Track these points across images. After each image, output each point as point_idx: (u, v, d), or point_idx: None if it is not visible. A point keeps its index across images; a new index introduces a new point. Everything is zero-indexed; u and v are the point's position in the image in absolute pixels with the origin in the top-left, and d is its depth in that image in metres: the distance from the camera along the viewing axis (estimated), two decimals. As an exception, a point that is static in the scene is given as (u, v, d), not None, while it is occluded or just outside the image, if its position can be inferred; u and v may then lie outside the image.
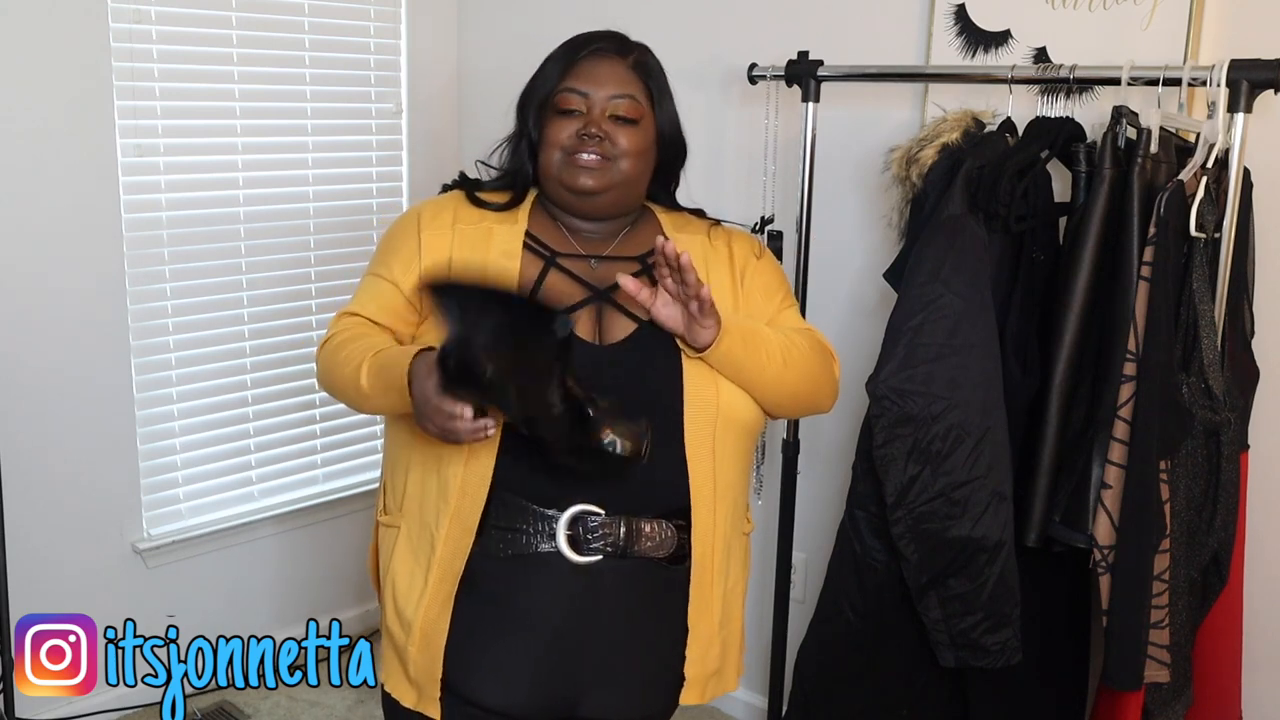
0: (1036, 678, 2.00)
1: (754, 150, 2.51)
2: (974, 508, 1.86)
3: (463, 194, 1.65)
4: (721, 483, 1.55)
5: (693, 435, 1.51)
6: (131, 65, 2.60)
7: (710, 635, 1.59)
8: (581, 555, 1.49)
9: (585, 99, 1.57)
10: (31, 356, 2.55)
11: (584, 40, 1.62)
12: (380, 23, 3.04)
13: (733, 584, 1.62)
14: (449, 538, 1.51)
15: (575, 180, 1.55)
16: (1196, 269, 1.79)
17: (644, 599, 1.55)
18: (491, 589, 1.52)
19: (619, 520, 1.50)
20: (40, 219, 2.51)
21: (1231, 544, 1.87)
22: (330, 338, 1.59)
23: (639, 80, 1.60)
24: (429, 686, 1.55)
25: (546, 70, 1.61)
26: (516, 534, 1.50)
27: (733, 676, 1.68)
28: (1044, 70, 2.00)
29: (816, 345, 1.66)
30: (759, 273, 1.67)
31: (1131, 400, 1.75)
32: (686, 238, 1.64)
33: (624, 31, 1.69)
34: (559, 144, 1.56)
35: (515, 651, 1.53)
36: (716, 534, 1.56)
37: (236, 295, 2.87)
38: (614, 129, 1.56)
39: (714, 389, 1.53)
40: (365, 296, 1.61)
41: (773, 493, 2.50)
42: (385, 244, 1.64)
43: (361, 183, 3.08)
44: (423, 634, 1.54)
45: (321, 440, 3.10)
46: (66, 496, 2.65)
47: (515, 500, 1.50)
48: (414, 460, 1.55)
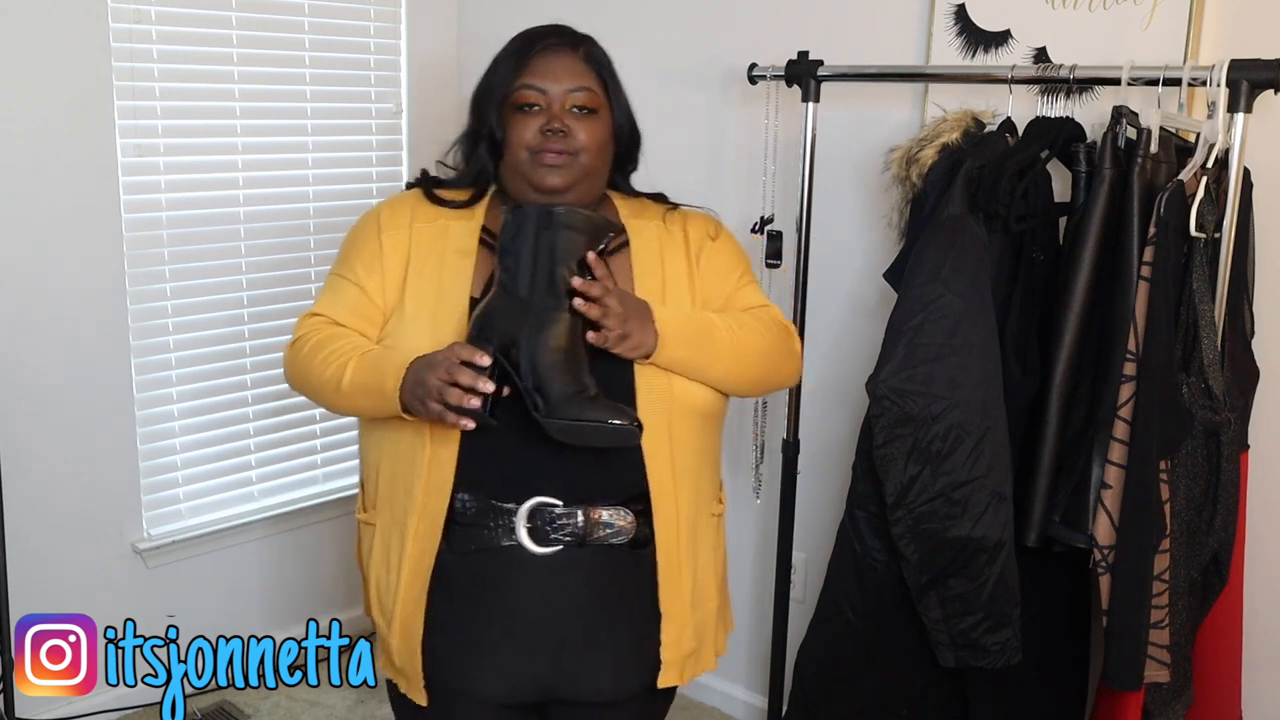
0: (1036, 678, 2.00)
1: (754, 150, 2.52)
2: (974, 508, 1.86)
3: (421, 192, 1.67)
4: (680, 468, 1.57)
5: (647, 422, 1.52)
6: (131, 65, 2.60)
7: (683, 617, 1.61)
8: (542, 546, 1.53)
9: (544, 94, 1.59)
10: (31, 356, 2.55)
11: (534, 36, 1.64)
12: (380, 23, 3.04)
13: (703, 566, 1.64)
14: (417, 535, 1.55)
15: (543, 180, 1.58)
16: (1196, 269, 1.79)
17: (611, 584, 1.58)
18: (462, 583, 1.57)
19: (577, 510, 1.53)
20: (40, 219, 2.51)
21: (1231, 544, 1.87)
22: (301, 338, 1.62)
23: (592, 72, 1.63)
24: (413, 676, 1.61)
25: (500, 68, 1.63)
26: (479, 529, 1.54)
27: (710, 656, 1.70)
28: (1044, 70, 2.00)
29: (771, 324, 1.67)
30: (714, 253, 1.69)
31: (1131, 400, 1.75)
32: (642, 223, 1.66)
33: (624, 33, 1.70)
34: (524, 143, 1.59)
35: (490, 641, 1.57)
36: (680, 518, 1.58)
37: (236, 295, 2.87)
38: (575, 122, 1.59)
39: (666, 379, 1.56)
40: (330, 298, 1.64)
41: (773, 493, 2.50)
42: (348, 245, 1.67)
43: (361, 183, 3.08)
44: (402, 625, 1.59)
45: (321, 440, 3.10)
46: (66, 496, 2.65)
47: (477, 497, 1.54)
48: (384, 460, 1.60)
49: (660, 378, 1.55)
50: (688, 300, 1.63)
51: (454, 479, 1.54)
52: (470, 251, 1.59)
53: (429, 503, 1.54)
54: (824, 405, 2.55)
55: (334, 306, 1.62)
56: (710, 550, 1.67)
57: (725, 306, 1.67)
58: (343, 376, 1.53)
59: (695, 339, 1.56)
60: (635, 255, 1.62)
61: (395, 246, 1.60)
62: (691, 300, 1.64)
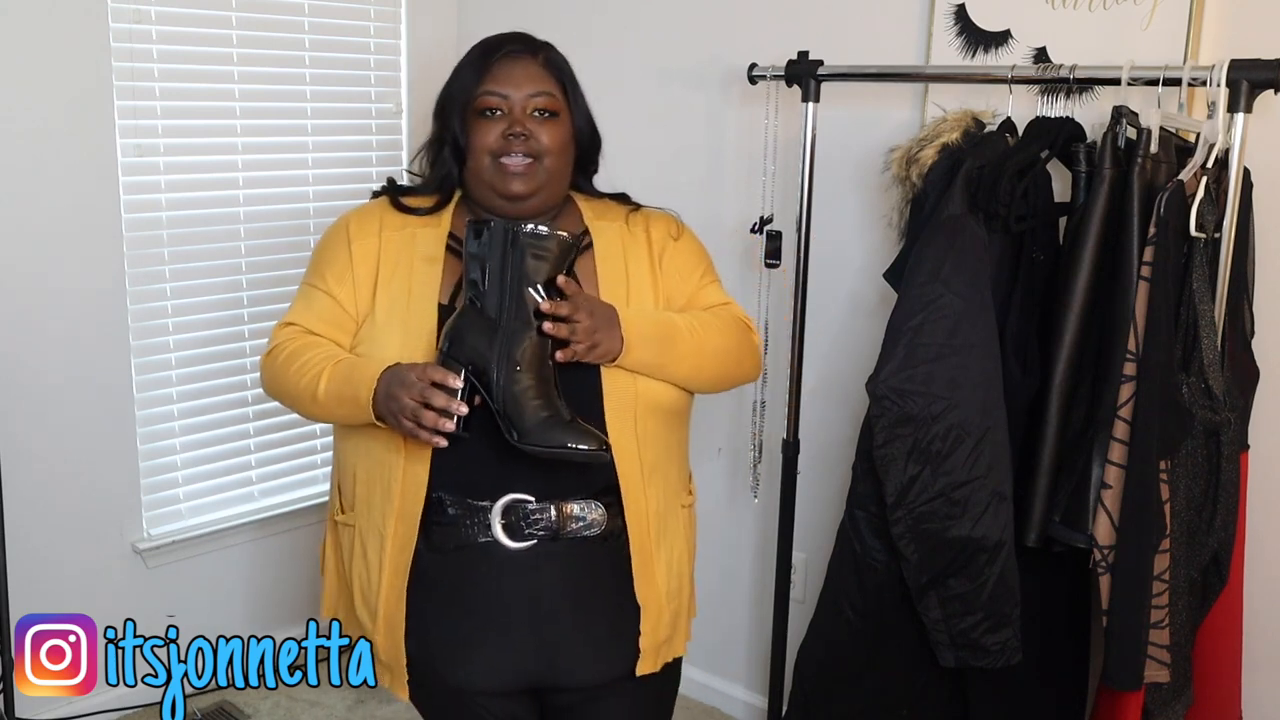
0: (1036, 678, 2.00)
1: (754, 150, 2.51)
2: (974, 508, 1.86)
3: (388, 200, 1.71)
4: (648, 462, 1.63)
5: (614, 420, 1.58)
6: (131, 65, 2.60)
7: (659, 606, 1.67)
8: (517, 541, 1.59)
9: (505, 100, 1.63)
10: (31, 356, 2.54)
11: (495, 44, 1.68)
12: (380, 23, 3.04)
13: (677, 555, 1.70)
14: (395, 535, 1.61)
15: (507, 186, 1.62)
16: (1196, 269, 1.79)
17: (586, 576, 1.63)
18: (443, 580, 1.63)
19: (549, 505, 1.58)
20: (40, 219, 2.51)
21: (1231, 544, 1.87)
22: (276, 347, 1.66)
23: (552, 77, 1.67)
24: (397, 671, 1.67)
25: (463, 76, 1.67)
26: (456, 528, 1.60)
27: (681, 643, 1.76)
28: (1044, 70, 2.00)
29: (732, 322, 1.72)
30: (676, 254, 1.73)
31: (1131, 400, 1.75)
32: (604, 224, 1.70)
33: (624, 33, 1.72)
34: (487, 148, 1.62)
35: (473, 635, 1.63)
36: (650, 510, 1.64)
37: (236, 295, 2.87)
38: (536, 126, 1.62)
39: (631, 379, 1.60)
40: (303, 307, 1.68)
41: (773, 493, 2.50)
42: (318, 255, 1.70)
43: (361, 183, 3.06)
44: (385, 622, 1.65)
45: (321, 440, 3.09)
46: (66, 496, 2.65)
47: (451, 497, 1.59)
48: (360, 464, 1.64)
49: (625, 378, 1.60)
50: (651, 300, 1.68)
51: (429, 480, 1.58)
52: (438, 258, 1.63)
53: (406, 505, 1.59)
54: (824, 405, 2.55)
55: (307, 315, 1.66)
56: (683, 540, 1.72)
57: (688, 305, 1.72)
58: (318, 386, 1.58)
59: (659, 341, 1.61)
60: (599, 256, 1.66)
61: (365, 255, 1.64)
62: (655, 300, 1.68)
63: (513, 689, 1.67)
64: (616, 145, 1.80)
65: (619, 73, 2.72)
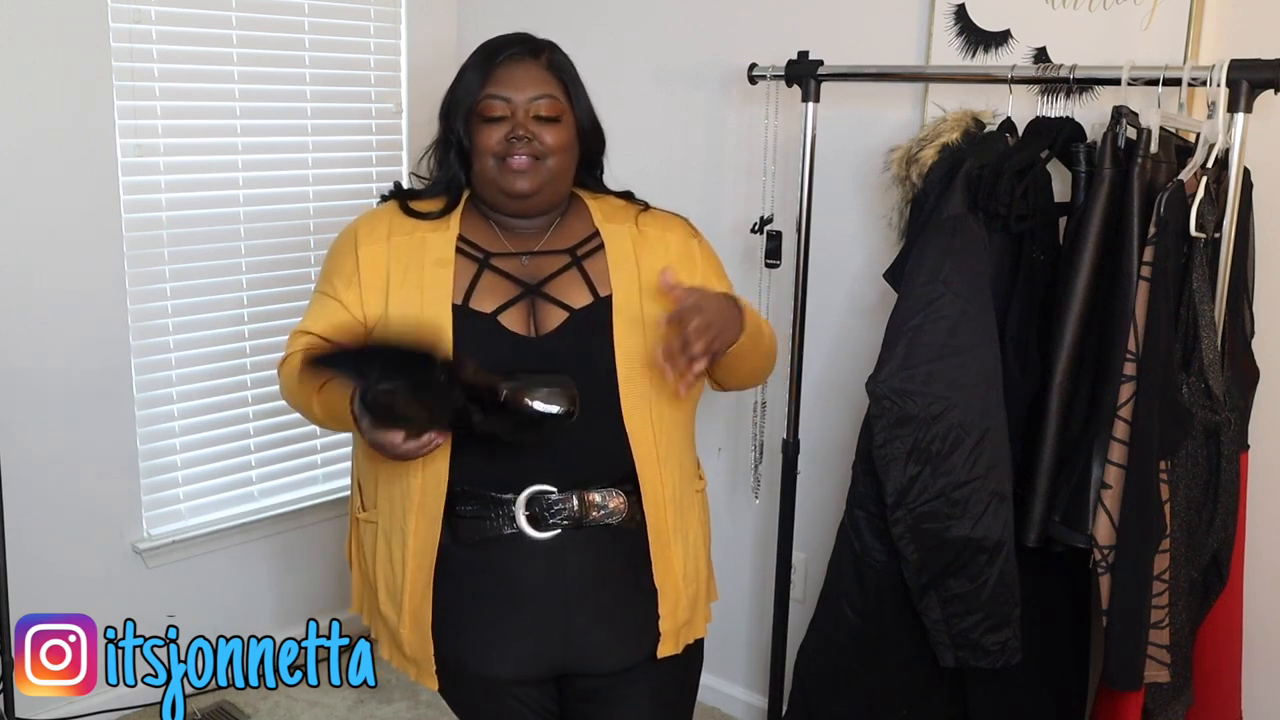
0: (1036, 678, 2.00)
1: (754, 150, 2.52)
2: (974, 508, 1.86)
3: (397, 205, 1.72)
4: (664, 449, 1.65)
5: (630, 409, 1.61)
6: (131, 65, 2.60)
7: (677, 590, 1.69)
8: (542, 531, 1.61)
9: (508, 103, 1.64)
10: (31, 357, 2.55)
11: (498, 46, 1.69)
12: (380, 23, 3.04)
13: (693, 539, 1.73)
14: (418, 531, 1.62)
15: (511, 185, 1.63)
16: (1196, 269, 1.79)
17: (609, 562, 1.65)
18: (469, 573, 1.64)
19: (571, 494, 1.60)
20: (40, 219, 2.51)
21: (1231, 544, 1.87)
22: (290, 356, 1.67)
23: (555, 79, 1.67)
24: (425, 663, 1.69)
25: (466, 79, 1.68)
26: (480, 521, 1.62)
27: (701, 624, 1.78)
28: (1044, 70, 2.00)
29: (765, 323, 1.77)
30: (705, 250, 1.77)
31: (1131, 400, 1.75)
32: (615, 227, 1.71)
33: (624, 33, 1.72)
34: (490, 150, 1.64)
35: (498, 626, 1.65)
36: (667, 496, 1.66)
37: (236, 295, 2.87)
38: (539, 128, 1.64)
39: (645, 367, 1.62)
40: (316, 314, 1.69)
41: (773, 493, 2.50)
42: (328, 262, 1.72)
43: (361, 183, 3.08)
44: (411, 616, 1.66)
45: (321, 440, 3.10)
46: (66, 497, 2.65)
47: (474, 491, 1.61)
48: (380, 467, 1.65)
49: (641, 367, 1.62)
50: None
51: (449, 476, 1.60)
52: (449, 261, 1.64)
53: (427, 501, 1.61)
54: (824, 405, 2.55)
55: (319, 322, 1.67)
56: (699, 525, 1.75)
57: None
58: (315, 409, 1.63)
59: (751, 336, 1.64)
60: (611, 261, 1.67)
61: (372, 260, 1.65)
62: None
63: (542, 677, 1.70)
64: (616, 145, 1.80)
65: (619, 73, 2.71)
